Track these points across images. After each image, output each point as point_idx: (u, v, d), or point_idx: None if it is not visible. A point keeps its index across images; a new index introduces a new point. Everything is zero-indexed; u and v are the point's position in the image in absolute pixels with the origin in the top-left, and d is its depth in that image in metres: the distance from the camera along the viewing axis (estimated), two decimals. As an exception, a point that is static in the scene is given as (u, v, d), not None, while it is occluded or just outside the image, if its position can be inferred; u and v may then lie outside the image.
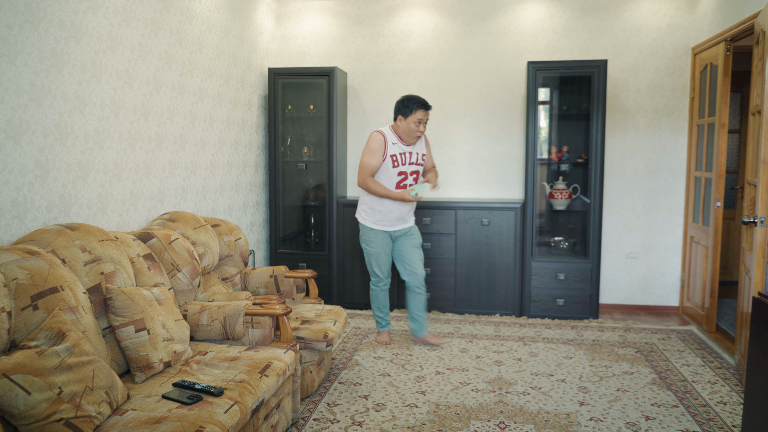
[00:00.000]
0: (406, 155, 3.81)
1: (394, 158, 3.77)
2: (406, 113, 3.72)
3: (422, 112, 3.72)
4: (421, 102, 3.71)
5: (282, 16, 5.36)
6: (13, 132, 2.30)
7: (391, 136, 3.79)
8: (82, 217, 2.72)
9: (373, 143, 3.75)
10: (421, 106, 3.71)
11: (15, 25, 2.30)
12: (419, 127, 3.72)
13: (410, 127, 3.72)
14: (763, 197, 3.15)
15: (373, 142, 3.75)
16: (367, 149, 3.76)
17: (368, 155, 3.75)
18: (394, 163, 3.77)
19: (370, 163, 3.74)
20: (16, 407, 1.69)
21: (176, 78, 3.54)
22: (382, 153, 3.74)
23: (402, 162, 3.80)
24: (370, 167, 3.75)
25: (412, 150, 3.85)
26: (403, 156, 3.80)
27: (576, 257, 4.78)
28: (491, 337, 4.23)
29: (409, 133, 3.74)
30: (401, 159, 3.80)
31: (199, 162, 3.85)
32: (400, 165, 3.79)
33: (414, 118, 3.70)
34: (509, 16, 5.06)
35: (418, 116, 3.70)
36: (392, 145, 3.77)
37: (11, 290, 1.93)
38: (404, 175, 3.82)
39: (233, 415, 2.08)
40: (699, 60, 4.70)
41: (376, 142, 3.74)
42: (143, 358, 2.34)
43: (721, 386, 3.36)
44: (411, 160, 3.84)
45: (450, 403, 3.10)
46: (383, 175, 3.80)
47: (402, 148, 3.80)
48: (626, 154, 5.00)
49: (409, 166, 3.83)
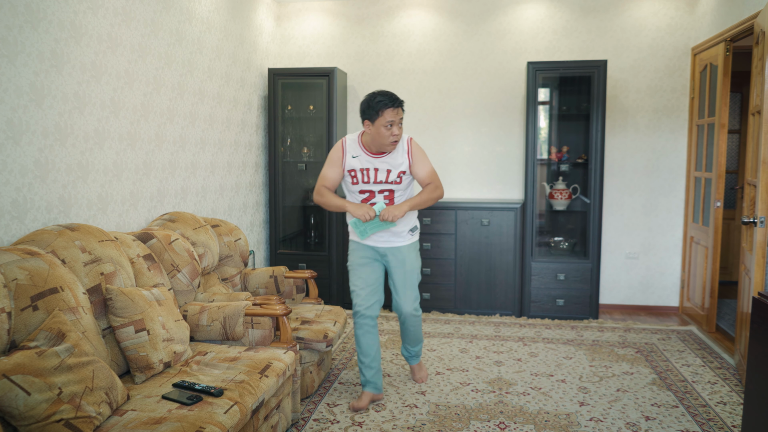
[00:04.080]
0: (370, 172, 3.02)
1: (352, 174, 3.04)
2: (372, 116, 2.90)
3: (391, 112, 2.88)
4: (389, 98, 2.89)
5: (282, 16, 5.36)
6: (12, 132, 2.30)
7: (353, 146, 3.04)
8: (81, 218, 2.72)
9: (332, 152, 3.08)
10: (389, 103, 2.87)
11: (15, 25, 2.30)
12: (392, 130, 2.90)
13: (381, 132, 2.90)
14: (763, 197, 3.15)
15: (333, 151, 3.09)
16: (328, 157, 3.11)
17: (325, 165, 3.10)
18: (352, 179, 3.06)
19: (324, 172, 3.08)
20: (16, 408, 1.69)
21: (176, 78, 3.54)
22: (340, 164, 3.04)
23: (363, 179, 3.03)
24: (325, 178, 3.06)
25: (381, 165, 3.02)
26: (365, 172, 3.03)
27: (576, 257, 4.78)
28: (491, 338, 4.22)
29: (381, 140, 2.93)
30: (362, 176, 3.03)
31: (199, 162, 3.85)
32: (361, 183, 3.04)
33: (383, 121, 2.88)
34: (509, 16, 5.06)
35: (387, 118, 2.87)
36: (352, 159, 3.03)
37: (11, 291, 1.93)
38: (369, 194, 3.07)
39: (233, 415, 2.08)
40: (699, 60, 4.70)
41: (334, 151, 3.08)
42: (143, 359, 2.33)
43: (721, 386, 3.36)
44: (378, 178, 3.02)
45: (450, 404, 3.10)
46: (345, 192, 3.19)
47: (365, 162, 3.02)
48: (626, 154, 5.00)
49: (375, 185, 3.04)
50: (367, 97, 2.95)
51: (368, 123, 2.93)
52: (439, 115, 5.21)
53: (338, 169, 3.05)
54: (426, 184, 3.09)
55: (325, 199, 3.05)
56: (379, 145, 2.95)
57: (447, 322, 4.61)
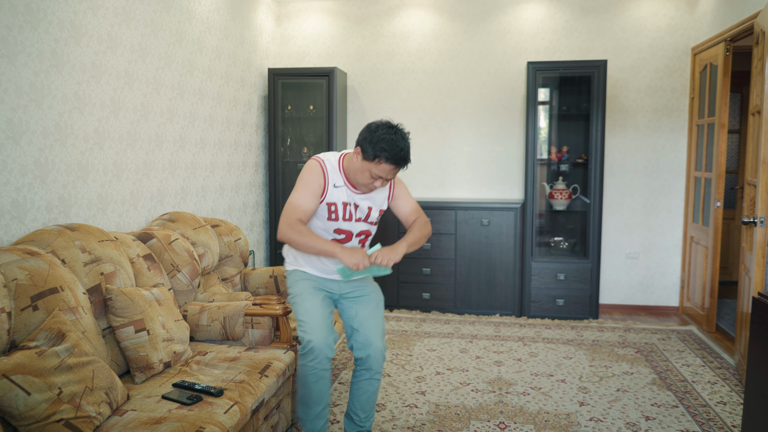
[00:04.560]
0: (352, 208, 2.46)
1: (332, 209, 2.44)
2: (367, 154, 2.30)
3: (390, 169, 2.32)
4: (396, 155, 2.29)
5: (282, 16, 5.36)
6: (12, 132, 2.30)
7: (335, 173, 2.43)
8: (81, 218, 2.72)
9: (311, 176, 2.39)
10: (392, 160, 2.29)
11: (15, 25, 2.30)
12: (375, 182, 2.37)
13: (364, 175, 2.35)
14: (762, 197, 3.15)
15: (311, 174, 2.39)
16: (300, 182, 2.40)
17: (300, 191, 2.38)
18: (330, 214, 2.44)
19: (300, 203, 2.36)
20: (16, 408, 1.69)
21: (176, 78, 3.54)
22: (320, 194, 2.40)
23: (344, 216, 2.45)
24: (301, 209, 2.36)
25: (363, 201, 2.48)
26: (347, 208, 2.45)
27: (576, 257, 4.78)
28: (491, 338, 4.22)
29: (359, 179, 2.38)
30: (343, 211, 2.45)
31: (198, 162, 3.85)
32: (340, 220, 2.45)
33: (374, 169, 2.31)
34: (509, 16, 5.06)
35: (379, 170, 2.31)
36: (334, 189, 2.42)
37: (11, 291, 1.93)
38: (346, 236, 2.50)
39: (233, 415, 2.08)
40: (699, 60, 4.70)
41: (312, 175, 2.39)
42: (143, 359, 2.33)
43: (721, 386, 3.36)
44: (358, 216, 2.48)
45: (450, 404, 3.10)
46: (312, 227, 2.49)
47: (349, 195, 2.45)
48: (626, 154, 5.00)
49: (355, 224, 2.48)
50: (374, 128, 2.33)
51: (359, 153, 2.34)
52: (439, 115, 5.21)
53: (316, 200, 2.39)
54: (412, 221, 2.59)
55: (305, 239, 2.32)
56: (353, 180, 2.41)
57: (447, 322, 4.61)
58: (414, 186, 5.28)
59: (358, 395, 2.55)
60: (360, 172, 2.35)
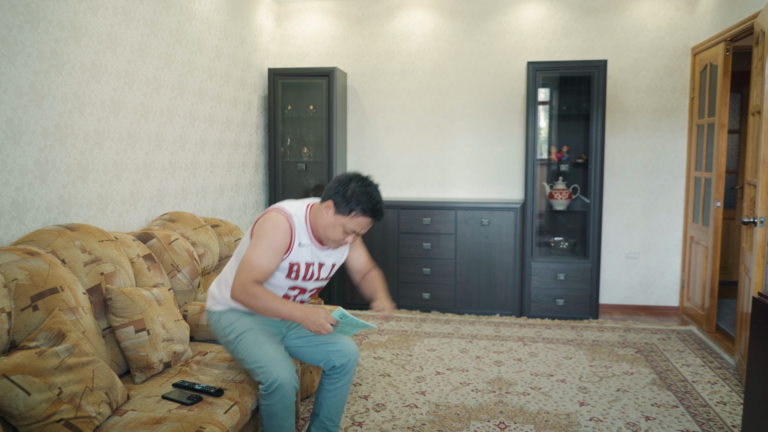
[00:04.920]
0: (315, 267, 2.33)
1: (294, 269, 2.28)
2: (341, 208, 2.18)
3: (366, 223, 2.22)
4: (373, 208, 2.20)
5: (282, 16, 5.36)
6: (12, 132, 2.30)
7: (302, 230, 2.27)
8: (81, 218, 2.72)
9: (276, 233, 2.19)
10: (369, 213, 2.20)
11: (15, 25, 2.30)
12: (347, 238, 2.25)
13: (336, 230, 2.22)
14: (763, 197, 3.15)
15: (275, 230, 2.19)
16: (264, 238, 2.18)
17: (262, 249, 2.17)
18: (291, 273, 2.28)
19: (261, 262, 2.17)
20: (16, 408, 1.69)
21: (176, 78, 3.54)
22: (283, 253, 2.22)
23: (305, 275, 2.31)
24: (260, 269, 2.17)
25: (327, 259, 2.37)
26: (309, 268, 2.31)
27: (576, 257, 4.78)
28: (491, 338, 4.22)
29: (329, 235, 2.24)
30: (305, 272, 2.31)
31: (198, 162, 3.85)
32: (300, 279, 2.31)
33: (349, 223, 2.20)
34: (509, 16, 5.06)
35: (354, 224, 2.21)
36: (299, 247, 2.26)
37: (11, 291, 1.93)
38: (299, 292, 2.38)
39: (233, 415, 2.08)
40: (699, 60, 4.70)
41: (278, 234, 2.20)
42: (143, 359, 2.33)
43: (721, 386, 3.36)
44: (318, 275, 2.36)
45: (450, 404, 3.10)
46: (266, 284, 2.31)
47: (313, 254, 2.31)
48: (626, 154, 5.00)
49: (313, 282, 2.37)
50: (350, 178, 2.21)
51: (331, 207, 2.20)
52: (439, 115, 5.21)
53: (279, 260, 2.21)
54: (367, 271, 2.51)
55: (260, 304, 2.14)
56: (323, 235, 2.27)
57: (447, 322, 4.61)
58: (414, 186, 5.28)
59: (335, 401, 2.41)
60: (332, 227, 2.22)
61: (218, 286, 2.40)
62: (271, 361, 2.15)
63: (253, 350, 2.19)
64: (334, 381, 2.40)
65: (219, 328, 2.33)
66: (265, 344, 2.21)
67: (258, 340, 2.22)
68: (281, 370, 2.12)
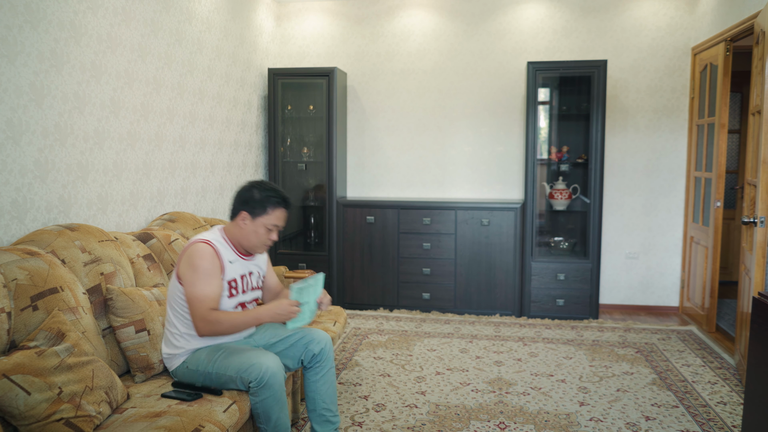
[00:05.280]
0: (247, 278, 2.47)
1: (233, 285, 2.39)
2: (257, 211, 2.37)
3: (281, 214, 2.41)
4: (281, 197, 2.42)
5: (282, 16, 5.36)
6: (12, 132, 2.30)
7: (226, 249, 2.39)
8: (81, 218, 2.72)
9: (203, 260, 2.27)
10: (282, 203, 2.41)
11: (15, 25, 2.30)
12: (271, 234, 2.42)
13: (258, 233, 2.39)
14: (763, 197, 3.15)
15: (202, 258, 2.28)
16: (197, 272, 2.26)
17: (200, 280, 2.25)
18: (231, 290, 2.38)
19: (206, 292, 2.25)
20: (16, 407, 1.69)
21: (176, 78, 3.54)
22: (220, 274, 2.32)
23: (243, 288, 2.44)
24: (209, 298, 2.26)
25: (254, 268, 2.52)
26: (244, 280, 2.45)
27: (576, 257, 4.78)
28: (491, 338, 4.22)
29: (254, 240, 2.40)
30: (242, 284, 2.44)
31: (198, 162, 3.85)
32: (239, 293, 2.42)
33: (267, 221, 2.38)
34: (509, 16, 5.06)
35: (274, 219, 2.39)
36: (230, 264, 2.38)
37: (11, 291, 1.93)
38: (241, 308, 2.45)
39: (232, 414, 2.08)
40: (699, 60, 4.70)
41: (206, 259, 2.28)
42: (143, 359, 2.34)
43: (721, 386, 3.36)
44: (253, 284, 2.50)
45: (450, 404, 3.10)
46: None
47: (243, 267, 2.45)
48: (626, 154, 5.00)
49: (251, 292, 2.50)
50: (250, 186, 2.42)
51: (246, 216, 2.38)
52: (439, 115, 5.21)
53: (219, 281, 2.30)
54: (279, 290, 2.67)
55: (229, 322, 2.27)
56: (248, 246, 2.42)
57: (447, 322, 4.61)
58: (414, 186, 5.29)
59: (325, 390, 2.48)
60: (254, 233, 2.39)
61: (167, 343, 2.38)
62: (254, 357, 2.23)
63: (234, 359, 2.24)
64: (317, 370, 2.48)
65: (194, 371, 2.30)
66: (242, 350, 2.30)
67: (235, 350, 2.31)
68: (267, 361, 2.20)
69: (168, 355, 2.36)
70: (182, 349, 2.34)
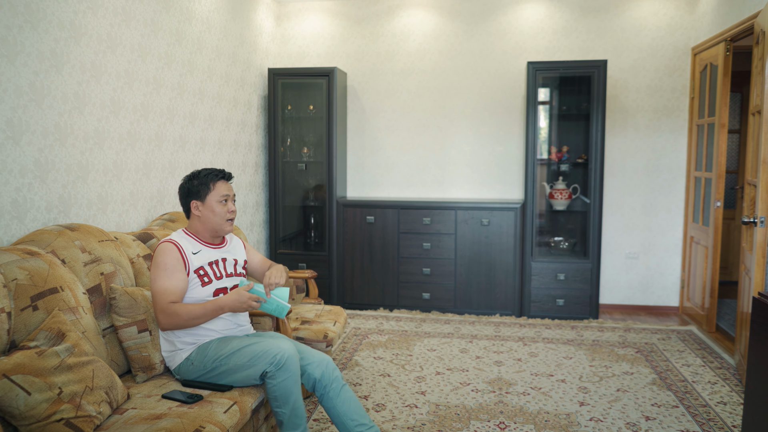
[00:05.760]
0: (220, 264, 2.52)
1: (201, 273, 2.43)
2: (202, 193, 2.47)
3: (224, 185, 2.51)
4: (218, 171, 2.52)
5: (282, 16, 5.36)
6: (12, 132, 2.30)
7: (188, 242, 2.47)
8: (81, 218, 2.72)
9: (164, 256, 2.36)
10: (220, 174, 2.51)
11: (14, 25, 2.30)
12: (227, 206, 2.50)
13: (215, 211, 2.47)
14: (763, 197, 3.15)
15: (163, 255, 2.36)
16: (157, 267, 2.35)
17: (159, 277, 2.33)
18: (203, 279, 2.43)
19: (165, 286, 2.32)
20: (17, 407, 1.69)
21: (176, 78, 3.54)
22: (183, 267, 2.38)
23: (216, 275, 2.48)
24: (168, 291, 2.32)
25: (228, 254, 2.58)
26: (215, 266, 2.49)
27: (576, 257, 4.78)
28: (491, 338, 4.22)
29: (216, 219, 2.49)
30: (214, 271, 2.48)
31: (198, 162, 3.85)
32: (215, 280, 2.46)
33: (216, 196, 2.47)
34: (509, 16, 5.06)
35: (221, 191, 2.48)
36: (194, 255, 2.44)
37: (11, 291, 1.93)
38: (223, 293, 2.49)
39: (233, 415, 2.08)
40: (699, 60, 4.70)
41: (167, 255, 2.36)
42: (145, 359, 2.34)
43: (721, 386, 3.36)
44: (229, 271, 2.54)
45: (450, 404, 3.10)
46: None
47: (211, 254, 2.51)
48: (626, 154, 5.00)
49: (227, 279, 2.52)
50: (187, 177, 2.51)
51: (197, 204, 2.47)
52: (439, 115, 5.21)
53: (182, 275, 2.36)
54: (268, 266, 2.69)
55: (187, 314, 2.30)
56: (213, 228, 2.50)
57: (447, 322, 4.61)
58: (414, 186, 5.29)
59: (346, 409, 2.38)
60: (212, 213, 2.47)
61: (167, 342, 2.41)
62: (267, 342, 2.29)
63: (248, 348, 2.29)
64: (330, 395, 2.39)
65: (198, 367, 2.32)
66: (258, 341, 2.33)
67: (244, 340, 2.35)
68: (283, 344, 2.27)
69: (169, 352, 2.39)
70: (184, 344, 2.37)
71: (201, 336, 2.38)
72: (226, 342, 2.35)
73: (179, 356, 2.37)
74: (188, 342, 2.37)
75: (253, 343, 2.31)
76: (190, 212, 2.51)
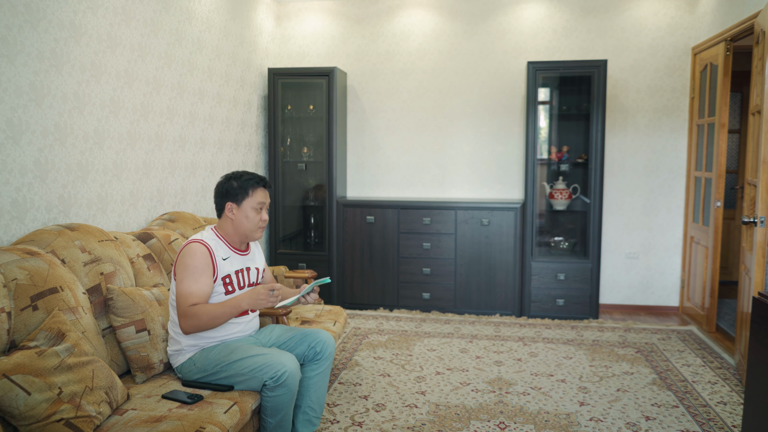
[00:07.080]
0: (244, 273, 2.50)
1: (227, 281, 2.41)
2: (239, 196, 2.44)
3: (262, 192, 2.49)
4: (258, 177, 2.49)
5: (282, 16, 5.36)
6: (12, 132, 2.30)
7: (219, 246, 2.44)
8: (81, 218, 2.71)
9: (194, 258, 2.32)
10: (260, 182, 2.49)
11: (14, 25, 2.30)
12: (261, 214, 2.47)
13: (249, 217, 2.45)
14: (763, 197, 3.15)
15: (193, 257, 2.32)
16: (185, 268, 2.31)
17: (187, 278, 2.29)
18: (227, 288, 2.41)
19: (191, 290, 2.29)
20: (17, 407, 1.69)
21: (176, 78, 3.54)
22: (212, 272, 2.35)
23: (240, 284, 2.47)
24: (193, 294, 2.29)
25: (251, 263, 2.57)
26: (241, 275, 2.48)
27: (576, 257, 4.78)
28: (491, 338, 4.22)
29: (248, 225, 2.46)
30: (239, 279, 2.47)
31: (198, 162, 3.85)
32: (237, 290, 2.45)
33: (253, 202, 2.44)
34: (509, 16, 5.06)
35: (258, 198, 2.46)
36: (223, 261, 2.41)
37: (11, 291, 1.93)
38: None
39: (233, 415, 2.08)
40: (699, 60, 4.70)
41: (198, 257, 2.32)
42: (144, 359, 2.34)
43: (721, 386, 3.36)
44: (251, 280, 2.55)
45: (450, 404, 3.10)
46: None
47: (239, 262, 2.49)
48: (626, 154, 5.00)
49: (248, 288, 2.52)
50: (225, 178, 2.48)
51: (233, 206, 2.45)
52: (439, 114, 5.21)
53: (208, 279, 2.33)
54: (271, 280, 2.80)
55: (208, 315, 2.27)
56: (243, 234, 2.48)
57: (447, 322, 4.61)
58: (414, 186, 5.29)
59: (316, 389, 2.52)
60: (245, 218, 2.45)
61: (172, 341, 2.42)
62: (270, 356, 2.28)
63: (250, 359, 2.28)
64: (315, 367, 2.51)
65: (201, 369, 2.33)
66: (256, 349, 2.33)
67: (248, 350, 2.33)
68: (285, 360, 2.26)
69: (174, 351, 2.40)
70: (188, 345, 2.38)
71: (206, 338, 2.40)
72: (230, 348, 2.35)
73: (183, 356, 2.38)
74: (192, 344, 2.38)
75: (257, 354, 2.29)
76: (222, 212, 2.48)
